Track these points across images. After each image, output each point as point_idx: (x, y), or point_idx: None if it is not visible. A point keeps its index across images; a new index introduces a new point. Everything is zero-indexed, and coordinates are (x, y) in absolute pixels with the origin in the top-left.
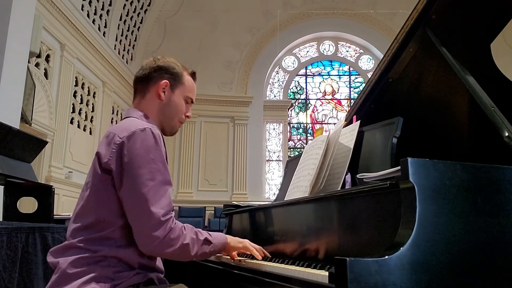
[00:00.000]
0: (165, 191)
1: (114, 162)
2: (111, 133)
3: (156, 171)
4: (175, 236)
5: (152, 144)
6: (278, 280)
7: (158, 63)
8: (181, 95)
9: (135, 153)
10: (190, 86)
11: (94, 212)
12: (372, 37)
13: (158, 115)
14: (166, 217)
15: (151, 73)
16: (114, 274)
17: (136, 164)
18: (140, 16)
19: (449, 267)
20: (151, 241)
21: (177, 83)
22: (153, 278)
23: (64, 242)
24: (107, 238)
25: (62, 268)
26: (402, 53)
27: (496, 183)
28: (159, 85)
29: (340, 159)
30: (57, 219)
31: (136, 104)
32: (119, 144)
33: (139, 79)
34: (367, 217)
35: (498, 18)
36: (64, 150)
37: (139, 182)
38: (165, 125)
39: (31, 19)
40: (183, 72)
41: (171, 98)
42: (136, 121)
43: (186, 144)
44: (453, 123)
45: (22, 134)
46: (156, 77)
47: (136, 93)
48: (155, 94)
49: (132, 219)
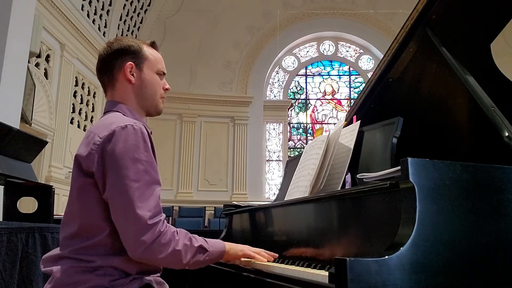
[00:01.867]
0: (152, 192)
1: (95, 164)
2: (91, 132)
3: (142, 171)
4: (166, 241)
5: (134, 143)
6: (278, 280)
7: (113, 48)
8: (151, 70)
9: (117, 153)
10: (156, 58)
11: (80, 218)
12: (372, 37)
13: (137, 100)
14: (154, 220)
15: (110, 60)
16: (110, 283)
17: (119, 164)
18: (140, 16)
19: (449, 267)
20: (138, 246)
21: (142, 60)
22: (151, 282)
23: (56, 252)
24: (97, 245)
25: (56, 277)
26: (402, 53)
27: (496, 183)
28: (124, 69)
29: (340, 159)
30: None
31: (110, 97)
32: (99, 144)
33: (102, 71)
34: (367, 217)
35: (498, 18)
36: (64, 150)
37: (123, 183)
38: (148, 106)
39: (31, 19)
40: (142, 46)
41: (141, 77)
42: (117, 116)
43: (186, 144)
44: (453, 123)
45: (22, 134)
46: (118, 63)
47: (106, 86)
48: (124, 79)
49: (118, 224)
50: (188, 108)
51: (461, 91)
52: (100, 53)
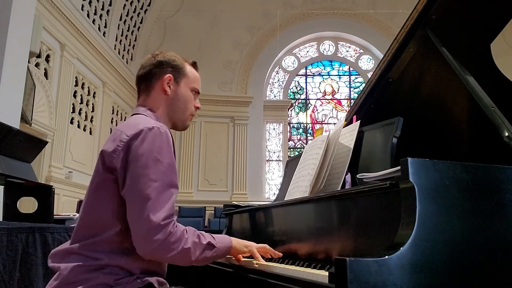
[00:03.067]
0: (168, 194)
1: (119, 160)
2: (118, 130)
3: (162, 172)
4: (176, 239)
5: (159, 144)
6: (278, 280)
7: (157, 59)
8: (187, 87)
9: (140, 151)
10: (194, 77)
11: (93, 212)
12: (372, 37)
13: (167, 110)
14: (167, 221)
15: (152, 69)
16: (115, 281)
17: (141, 163)
18: (140, 16)
19: (449, 267)
20: (148, 244)
21: (181, 75)
22: (153, 282)
23: (65, 246)
24: (106, 242)
25: (63, 274)
26: (402, 53)
27: (496, 183)
28: (163, 80)
29: (340, 159)
30: (57, 219)
31: (142, 102)
32: (125, 141)
33: (141, 78)
34: (367, 217)
35: (498, 18)
36: (64, 150)
37: (142, 182)
38: (176, 120)
39: (31, 19)
40: (184, 64)
41: (177, 91)
42: (145, 118)
43: (186, 144)
44: (453, 123)
45: (22, 134)
46: (159, 73)
47: (140, 93)
48: (160, 89)
49: (131, 220)
50: None
51: (461, 91)
52: (143, 61)
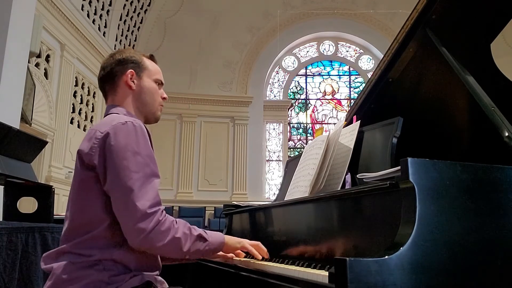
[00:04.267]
0: (151, 184)
1: (96, 157)
2: (92, 129)
3: (141, 163)
4: (165, 228)
5: (134, 137)
6: (278, 280)
7: (116, 58)
8: (150, 79)
9: (118, 145)
10: (155, 69)
11: (80, 212)
12: (372, 37)
13: (136, 105)
14: (153, 209)
15: (113, 68)
16: (110, 278)
17: (119, 156)
18: (140, 16)
19: (449, 267)
20: (138, 234)
21: (142, 69)
22: (151, 281)
23: (57, 247)
24: (98, 238)
25: (56, 274)
26: (402, 53)
27: (496, 183)
28: (126, 76)
29: (340, 159)
30: (57, 219)
31: (111, 102)
32: (100, 138)
33: (104, 79)
34: (367, 217)
35: (498, 18)
36: (64, 150)
37: (123, 174)
38: (147, 113)
39: (31, 19)
40: (142, 58)
41: (141, 84)
42: (118, 115)
43: (186, 144)
44: (453, 123)
45: (22, 134)
46: (120, 70)
47: (107, 94)
48: (125, 86)
49: (118, 213)
50: (188, 108)
51: (461, 91)
52: (103, 62)
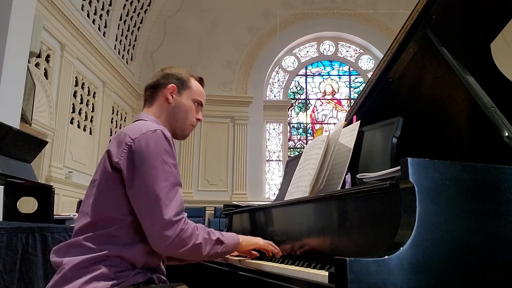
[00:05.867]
0: (176, 192)
1: (124, 162)
2: (122, 132)
3: (168, 172)
4: (187, 235)
5: (163, 146)
6: (278, 280)
7: (165, 71)
8: (189, 98)
9: (147, 153)
10: (198, 90)
11: (102, 210)
12: (372, 37)
13: (168, 119)
14: (178, 217)
15: (158, 80)
16: (115, 274)
17: (148, 164)
18: (140, 16)
19: (449, 267)
20: (163, 240)
21: (184, 87)
22: (154, 278)
23: (69, 240)
24: (113, 235)
25: (65, 269)
26: (402, 53)
27: (496, 183)
28: (166, 89)
29: (340, 159)
30: (57, 219)
31: (146, 110)
32: (130, 144)
33: (148, 87)
34: (367, 217)
35: (498, 18)
36: (64, 150)
37: (152, 182)
38: (176, 128)
39: (31, 19)
40: (189, 77)
41: (179, 101)
42: (147, 123)
43: (186, 144)
44: (453, 123)
45: (22, 134)
46: (164, 83)
47: (146, 101)
48: (163, 98)
49: (144, 219)
50: None
51: (461, 91)
52: (153, 73)
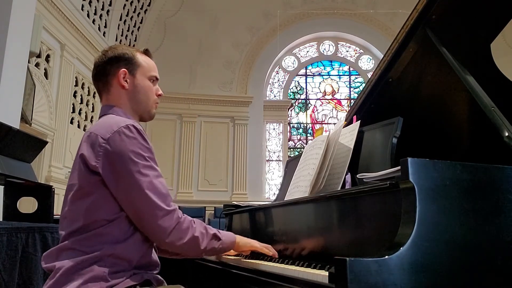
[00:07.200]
0: (161, 183)
1: (101, 165)
2: (92, 133)
3: (148, 166)
4: (185, 227)
5: (137, 141)
6: (278, 280)
7: (107, 55)
8: (144, 76)
9: (124, 152)
10: (149, 65)
11: (85, 215)
12: (372, 37)
13: (131, 104)
14: (171, 207)
15: (105, 67)
16: (110, 275)
17: (128, 163)
18: (140, 16)
19: (449, 267)
20: (162, 232)
21: (135, 67)
22: (150, 279)
23: (58, 245)
24: (101, 235)
25: (58, 273)
26: (402, 53)
27: (496, 183)
28: (118, 75)
29: (340, 159)
30: (57, 219)
31: (105, 101)
32: (104, 146)
33: (97, 77)
34: (367, 217)
35: (498, 18)
36: (64, 150)
37: (135, 179)
38: (141, 111)
39: (31, 19)
40: (135, 54)
41: (135, 83)
42: (116, 118)
43: (186, 144)
44: (453, 123)
45: (22, 134)
46: (112, 69)
47: (101, 92)
48: (118, 85)
49: (138, 217)
50: (188, 108)
51: (461, 91)
52: (95, 61)
